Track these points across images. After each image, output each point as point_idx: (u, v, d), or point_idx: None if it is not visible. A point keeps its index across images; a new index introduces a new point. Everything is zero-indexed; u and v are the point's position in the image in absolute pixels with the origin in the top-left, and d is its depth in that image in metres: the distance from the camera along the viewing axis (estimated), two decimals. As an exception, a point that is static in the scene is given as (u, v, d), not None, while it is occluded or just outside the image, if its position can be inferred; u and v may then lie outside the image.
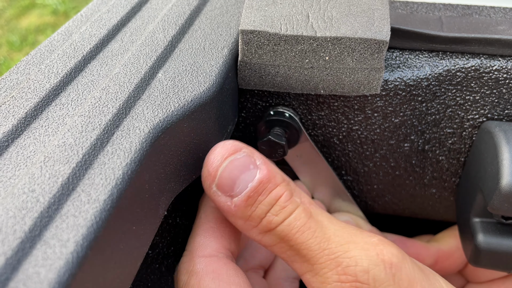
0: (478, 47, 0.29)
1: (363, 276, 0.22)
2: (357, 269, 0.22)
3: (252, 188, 0.23)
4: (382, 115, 0.30)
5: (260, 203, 0.23)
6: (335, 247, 0.22)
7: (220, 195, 0.23)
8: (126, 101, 0.22)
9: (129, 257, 0.20)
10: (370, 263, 0.22)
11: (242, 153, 0.24)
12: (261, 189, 0.23)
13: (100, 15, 0.29)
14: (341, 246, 0.22)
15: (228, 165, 0.23)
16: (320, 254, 0.22)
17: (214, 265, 0.24)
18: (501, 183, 0.27)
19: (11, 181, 0.18)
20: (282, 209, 0.23)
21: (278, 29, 0.25)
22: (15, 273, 0.15)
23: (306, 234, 0.23)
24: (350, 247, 0.22)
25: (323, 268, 0.22)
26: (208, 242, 0.25)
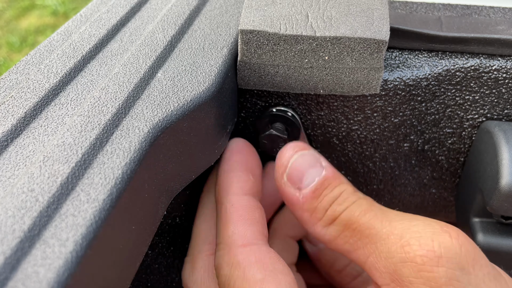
0: (477, 47, 0.29)
1: (426, 244, 0.21)
2: (421, 239, 0.21)
3: (319, 181, 0.25)
4: (382, 115, 0.30)
5: (325, 196, 0.25)
6: (398, 224, 0.23)
7: (290, 187, 0.25)
8: (126, 101, 0.22)
9: (128, 257, 0.20)
10: (434, 233, 0.21)
11: (310, 151, 0.26)
12: (327, 184, 0.25)
13: (100, 15, 0.29)
14: (404, 222, 0.23)
15: (298, 158, 0.26)
16: (383, 230, 0.23)
17: (256, 254, 0.24)
18: (500, 183, 0.27)
19: (10, 180, 0.18)
20: (345, 200, 0.25)
21: (278, 29, 0.25)
22: (14, 272, 0.15)
23: (369, 215, 0.24)
24: (412, 223, 0.22)
25: (387, 244, 0.22)
26: (243, 230, 0.25)
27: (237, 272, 0.23)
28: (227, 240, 0.25)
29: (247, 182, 0.27)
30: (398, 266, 0.21)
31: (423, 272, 0.20)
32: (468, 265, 0.21)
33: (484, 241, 0.29)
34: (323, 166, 0.26)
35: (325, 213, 0.25)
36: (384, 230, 0.23)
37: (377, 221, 0.23)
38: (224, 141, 0.27)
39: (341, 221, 0.24)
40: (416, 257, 0.21)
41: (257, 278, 0.23)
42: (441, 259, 0.20)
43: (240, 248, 0.24)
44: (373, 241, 0.23)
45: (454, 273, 0.20)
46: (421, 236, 0.21)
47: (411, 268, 0.21)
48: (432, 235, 0.21)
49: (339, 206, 0.25)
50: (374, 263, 0.23)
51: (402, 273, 0.21)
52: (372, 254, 0.23)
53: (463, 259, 0.21)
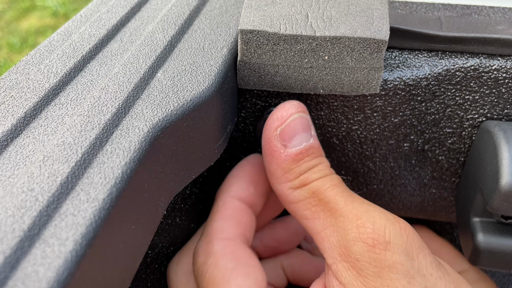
0: (477, 46, 0.29)
1: (379, 229, 0.23)
2: (375, 224, 0.23)
3: (306, 147, 0.26)
4: (382, 115, 0.30)
5: (305, 162, 0.26)
6: (358, 206, 0.24)
7: (278, 141, 0.26)
8: (126, 101, 0.22)
9: (128, 256, 0.20)
10: (388, 222, 0.23)
11: (308, 116, 0.27)
12: (310, 152, 0.26)
13: (100, 15, 0.29)
14: (363, 206, 0.24)
15: (297, 119, 0.26)
16: (345, 208, 0.24)
17: (231, 247, 0.26)
18: (500, 182, 0.27)
19: (10, 180, 0.18)
20: (320, 170, 0.26)
21: (277, 29, 0.25)
22: (14, 271, 0.15)
23: (336, 191, 0.25)
24: (370, 208, 0.24)
25: (345, 221, 0.24)
26: (226, 226, 0.27)
27: (211, 259, 0.25)
28: (209, 232, 0.27)
29: (246, 190, 0.29)
30: (350, 243, 0.23)
31: (371, 253, 0.22)
32: (412, 252, 0.23)
33: (484, 241, 0.29)
34: (312, 135, 0.27)
35: (298, 177, 0.26)
36: (346, 208, 0.24)
37: (342, 198, 0.25)
38: (224, 141, 0.27)
39: (311, 188, 0.26)
40: (368, 239, 0.23)
41: (228, 267, 0.25)
42: (389, 244, 0.22)
43: (218, 240, 0.26)
44: (333, 216, 0.24)
45: (399, 258, 0.22)
46: (376, 222, 0.23)
47: (361, 247, 0.23)
48: (386, 222, 0.23)
49: (313, 175, 0.26)
50: (328, 235, 0.24)
51: (352, 250, 0.23)
52: (329, 228, 0.24)
53: (408, 247, 0.23)
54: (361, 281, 0.22)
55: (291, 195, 0.26)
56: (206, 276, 0.25)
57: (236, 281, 0.24)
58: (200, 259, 0.26)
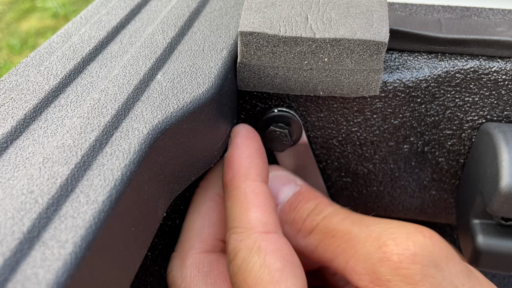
0: (477, 48, 0.29)
1: (402, 243, 0.22)
2: (397, 239, 0.22)
3: (294, 194, 0.26)
4: (381, 117, 0.30)
5: (301, 207, 0.26)
6: (375, 228, 0.23)
7: None
8: (125, 103, 0.22)
9: (127, 258, 0.20)
10: (409, 233, 0.22)
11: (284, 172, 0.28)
12: (301, 197, 0.26)
13: (100, 17, 0.29)
14: (380, 226, 0.23)
15: (272, 178, 0.27)
16: (362, 234, 0.23)
17: (277, 244, 0.24)
18: (500, 184, 0.27)
19: (10, 182, 0.18)
20: (321, 210, 0.26)
21: (277, 31, 0.25)
22: (13, 274, 0.15)
23: (347, 222, 0.24)
24: (388, 225, 0.23)
25: (365, 246, 0.23)
26: (265, 218, 0.24)
27: (257, 257, 0.23)
28: (247, 225, 0.24)
29: (264, 170, 0.26)
30: (376, 266, 0.22)
31: (400, 269, 0.21)
32: (441, 263, 0.21)
33: (484, 243, 0.29)
34: (298, 184, 0.27)
35: (303, 223, 0.25)
36: (363, 234, 0.23)
37: (355, 227, 0.24)
38: (224, 143, 0.27)
39: (320, 229, 0.25)
40: (393, 256, 0.21)
41: (277, 267, 0.22)
42: (416, 256, 0.21)
43: (262, 234, 0.24)
44: (352, 245, 0.23)
45: (429, 270, 0.21)
46: (397, 237, 0.22)
47: (388, 267, 0.21)
48: (407, 235, 0.22)
49: (317, 216, 0.25)
50: (353, 266, 0.23)
51: (380, 272, 0.22)
52: (352, 258, 0.23)
53: (437, 257, 0.21)
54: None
55: (307, 245, 0.25)
56: (251, 274, 0.22)
57: (287, 283, 0.22)
58: (242, 255, 0.23)
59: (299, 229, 0.26)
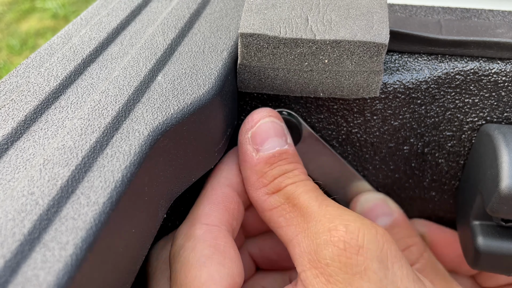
0: (477, 50, 0.29)
1: (353, 232, 0.21)
2: (349, 227, 0.22)
3: (278, 151, 0.26)
4: (382, 118, 0.30)
5: (278, 166, 0.25)
6: (333, 210, 0.23)
7: (250, 144, 0.26)
8: (126, 104, 0.22)
9: (128, 260, 0.20)
10: (362, 226, 0.22)
11: (282, 123, 0.27)
12: (284, 157, 0.26)
13: (100, 19, 0.29)
14: (339, 210, 0.23)
15: (268, 122, 0.26)
16: (319, 212, 0.23)
17: (213, 234, 0.24)
18: (500, 186, 0.27)
19: (11, 183, 0.18)
20: (295, 175, 0.25)
21: (278, 32, 0.25)
22: (14, 275, 0.15)
23: (311, 195, 0.24)
24: (346, 212, 0.23)
25: (317, 225, 0.22)
26: (212, 212, 0.25)
27: (189, 243, 0.24)
28: (194, 216, 0.25)
29: (235, 176, 0.27)
30: (320, 247, 0.21)
31: (342, 257, 0.21)
32: (387, 261, 0.21)
33: (484, 244, 0.29)
34: (287, 142, 0.26)
35: (272, 181, 0.25)
36: (319, 212, 0.23)
37: (316, 203, 0.24)
38: (224, 144, 0.27)
39: (285, 193, 0.25)
40: (340, 242, 0.21)
41: (204, 253, 0.23)
42: (362, 248, 0.21)
43: (202, 224, 0.24)
44: (306, 220, 0.23)
45: (372, 265, 0.21)
46: (350, 225, 0.22)
47: (332, 251, 0.21)
48: (360, 226, 0.22)
49: (288, 179, 0.25)
50: (299, 241, 0.23)
51: (322, 254, 0.21)
52: (301, 233, 0.23)
53: (384, 255, 0.21)
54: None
55: (266, 201, 0.25)
56: (180, 259, 0.23)
57: (209, 269, 0.22)
58: (179, 241, 0.24)
59: (266, 184, 0.25)
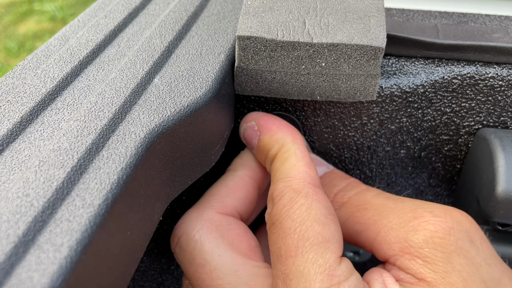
0: (473, 54, 0.29)
1: (439, 216, 0.22)
2: (434, 212, 0.22)
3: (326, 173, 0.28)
4: (378, 122, 0.30)
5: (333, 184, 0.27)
6: (410, 203, 0.24)
7: None
8: (122, 106, 0.22)
9: (123, 262, 0.20)
10: (447, 209, 0.22)
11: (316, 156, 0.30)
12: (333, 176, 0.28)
13: (97, 21, 0.29)
14: (416, 202, 0.24)
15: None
16: (396, 207, 0.24)
17: (322, 196, 0.24)
18: (496, 190, 0.27)
19: (5, 185, 0.18)
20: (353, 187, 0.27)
21: (275, 35, 0.25)
22: (8, 277, 0.15)
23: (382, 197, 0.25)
24: (424, 202, 0.24)
25: (400, 216, 0.23)
26: (314, 174, 0.25)
27: (304, 200, 0.23)
28: (297, 175, 0.25)
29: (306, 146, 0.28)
30: (409, 234, 0.22)
31: (435, 238, 0.21)
32: (476, 240, 0.22)
33: (481, 248, 0.29)
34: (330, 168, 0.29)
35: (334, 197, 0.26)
36: (396, 207, 0.24)
37: (390, 201, 0.24)
38: (221, 147, 0.27)
39: (352, 203, 0.25)
40: (429, 225, 0.22)
41: (322, 212, 0.23)
42: (452, 229, 0.21)
43: (310, 185, 0.24)
44: (385, 216, 0.24)
45: (464, 243, 0.21)
46: (434, 210, 0.22)
47: (423, 235, 0.22)
48: (445, 210, 0.22)
49: (349, 192, 0.26)
50: (384, 236, 0.23)
51: (413, 240, 0.22)
52: (384, 228, 0.23)
53: (473, 234, 0.22)
54: (429, 268, 0.21)
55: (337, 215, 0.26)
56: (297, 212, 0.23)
57: (330, 228, 0.23)
58: (290, 195, 0.24)
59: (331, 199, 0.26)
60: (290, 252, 0.22)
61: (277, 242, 0.23)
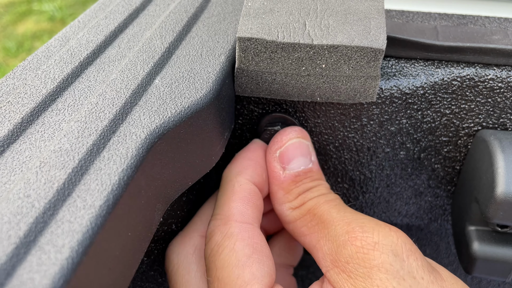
0: (473, 56, 0.29)
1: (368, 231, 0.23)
2: (364, 227, 0.23)
3: (303, 170, 0.27)
4: (378, 123, 0.30)
5: (303, 184, 0.27)
6: (350, 215, 0.25)
7: (277, 162, 0.28)
8: (123, 107, 0.22)
9: (124, 263, 0.20)
10: (377, 225, 0.23)
11: (309, 142, 0.29)
12: (309, 175, 0.27)
13: (98, 21, 0.29)
14: (356, 215, 0.25)
15: (297, 143, 0.28)
16: (337, 217, 0.25)
17: (250, 232, 0.25)
18: (496, 191, 0.27)
19: (6, 186, 0.18)
20: (317, 190, 0.27)
21: (275, 37, 0.25)
22: (9, 279, 0.15)
23: (331, 204, 0.26)
24: (363, 217, 0.25)
25: (336, 228, 0.24)
26: (244, 209, 0.26)
27: (228, 242, 0.25)
28: (226, 213, 0.26)
29: (260, 176, 0.28)
30: (340, 247, 0.23)
31: (359, 253, 0.22)
32: (402, 254, 0.22)
33: (480, 250, 0.29)
34: (312, 161, 0.28)
35: (297, 198, 0.27)
36: (338, 218, 0.25)
37: (335, 210, 0.25)
38: (221, 148, 0.27)
39: (307, 206, 0.26)
40: (356, 240, 0.23)
41: (245, 252, 0.24)
42: (377, 244, 0.22)
43: (237, 223, 0.25)
44: (326, 227, 0.25)
45: (388, 258, 0.22)
46: (365, 225, 0.23)
47: (350, 250, 0.23)
48: (375, 226, 0.23)
49: (310, 194, 0.27)
50: (322, 245, 0.24)
51: (342, 254, 0.23)
52: (323, 238, 0.25)
53: (398, 248, 0.22)
54: (351, 283, 0.22)
55: (290, 215, 0.27)
56: (220, 257, 0.24)
57: (251, 268, 0.24)
58: (216, 239, 0.25)
59: (291, 200, 0.27)
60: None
61: None
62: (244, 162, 0.28)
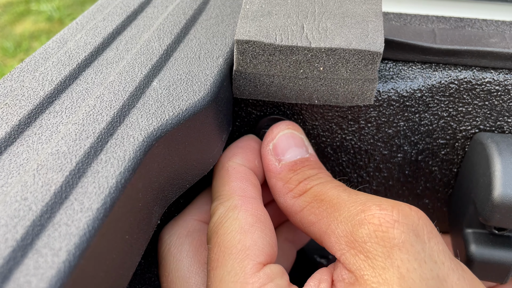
0: (470, 59, 0.29)
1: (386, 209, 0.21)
2: (382, 205, 0.21)
3: (300, 159, 0.27)
4: (376, 126, 0.30)
5: (302, 171, 0.26)
6: (363, 197, 0.23)
7: (272, 155, 0.27)
8: (121, 110, 0.22)
9: (121, 266, 0.20)
10: (396, 203, 0.22)
11: (302, 135, 0.28)
12: (307, 163, 0.27)
13: (96, 23, 0.29)
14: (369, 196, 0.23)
15: (287, 133, 0.28)
16: (349, 200, 0.23)
17: (253, 205, 0.25)
18: (493, 194, 0.27)
19: (3, 189, 0.18)
20: (320, 178, 0.26)
21: (273, 40, 0.25)
22: (6, 282, 0.15)
23: (339, 189, 0.24)
24: (376, 197, 0.23)
25: (349, 209, 0.22)
26: (245, 186, 0.26)
27: (232, 213, 0.24)
28: (228, 191, 0.26)
29: (251, 161, 0.28)
30: (355, 227, 0.21)
31: (378, 231, 0.20)
32: (423, 235, 0.21)
33: (477, 252, 0.29)
34: (309, 153, 0.28)
35: (298, 185, 0.26)
36: (350, 200, 0.23)
37: (345, 194, 0.24)
38: (219, 150, 0.27)
39: (311, 193, 0.25)
40: (374, 218, 0.21)
41: (248, 221, 0.23)
42: (397, 222, 0.21)
43: (240, 197, 0.25)
44: (337, 209, 0.23)
45: (409, 237, 0.20)
46: (382, 203, 0.22)
47: (368, 229, 0.21)
48: (394, 204, 0.22)
49: (313, 181, 0.25)
50: (334, 229, 0.23)
51: (358, 233, 0.21)
52: (334, 221, 0.23)
53: (420, 228, 0.21)
54: (369, 264, 0.20)
55: (294, 204, 0.26)
56: (223, 226, 0.24)
57: (253, 235, 0.23)
58: (220, 212, 0.24)
59: (292, 188, 0.26)
60: (212, 264, 0.23)
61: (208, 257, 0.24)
62: (234, 149, 0.28)
